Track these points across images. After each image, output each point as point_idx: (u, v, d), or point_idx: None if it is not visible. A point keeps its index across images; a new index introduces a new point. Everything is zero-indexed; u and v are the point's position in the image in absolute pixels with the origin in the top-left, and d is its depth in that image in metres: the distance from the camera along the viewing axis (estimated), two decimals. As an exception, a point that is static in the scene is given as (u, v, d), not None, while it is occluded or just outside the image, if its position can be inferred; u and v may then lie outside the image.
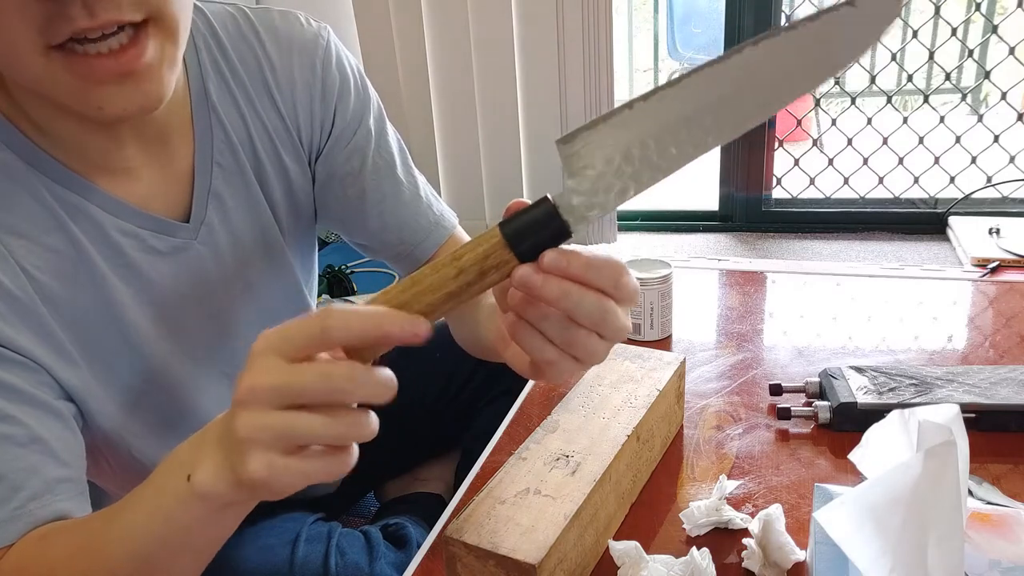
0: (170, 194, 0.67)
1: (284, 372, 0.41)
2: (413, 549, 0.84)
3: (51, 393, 0.60)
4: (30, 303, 0.59)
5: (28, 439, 0.56)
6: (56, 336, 0.60)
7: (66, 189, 0.61)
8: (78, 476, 0.59)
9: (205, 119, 0.68)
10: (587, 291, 0.45)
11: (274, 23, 0.72)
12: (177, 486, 0.47)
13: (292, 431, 0.42)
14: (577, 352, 0.47)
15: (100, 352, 0.64)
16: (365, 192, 0.77)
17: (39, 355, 0.59)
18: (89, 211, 0.62)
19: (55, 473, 0.57)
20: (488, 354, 0.80)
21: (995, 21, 2.15)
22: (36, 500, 0.55)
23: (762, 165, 2.33)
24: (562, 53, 2.06)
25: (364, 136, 0.77)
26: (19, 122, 0.59)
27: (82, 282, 0.62)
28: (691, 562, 0.57)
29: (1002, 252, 1.72)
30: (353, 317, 0.41)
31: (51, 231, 0.60)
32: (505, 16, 2.03)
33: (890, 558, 0.43)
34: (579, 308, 0.45)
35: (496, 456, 0.78)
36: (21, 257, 0.58)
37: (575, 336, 0.46)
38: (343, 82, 0.75)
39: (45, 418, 0.58)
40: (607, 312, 0.46)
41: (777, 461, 0.74)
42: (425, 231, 0.80)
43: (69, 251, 0.61)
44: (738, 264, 1.24)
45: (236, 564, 0.76)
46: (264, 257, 0.74)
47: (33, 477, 0.56)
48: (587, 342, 0.47)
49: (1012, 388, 0.76)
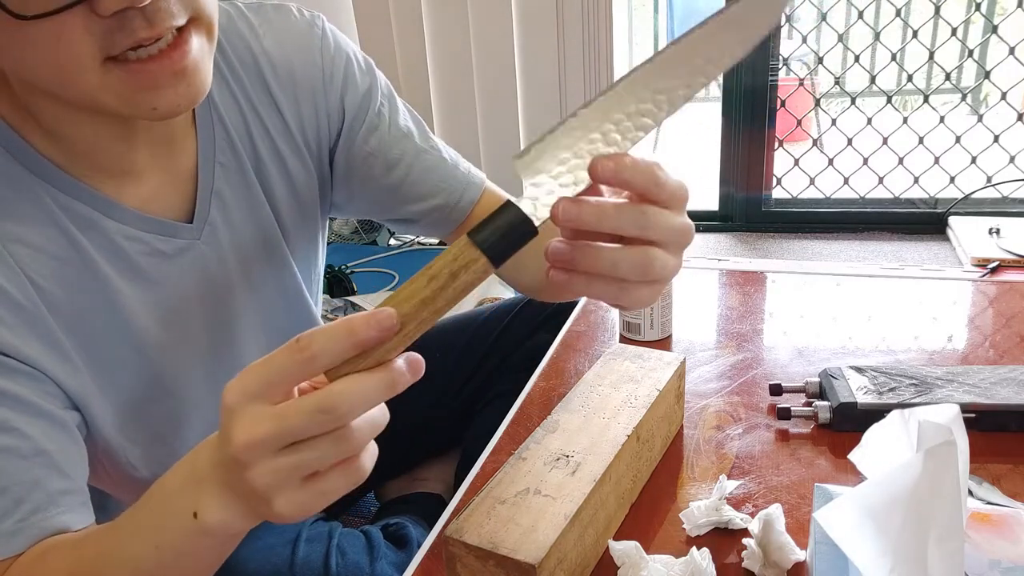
0: (173, 194, 0.67)
1: (276, 420, 0.40)
2: (414, 549, 0.84)
3: (56, 403, 0.60)
4: (35, 311, 0.58)
5: (32, 451, 0.56)
6: (61, 344, 0.60)
7: (70, 197, 0.60)
8: (80, 487, 0.59)
9: (207, 118, 0.68)
10: (624, 205, 0.45)
11: (269, 18, 0.72)
12: (185, 522, 0.47)
13: (305, 465, 0.41)
14: (644, 273, 0.46)
15: (105, 359, 0.63)
16: (390, 168, 0.78)
17: (44, 364, 0.59)
18: (94, 218, 0.61)
19: (58, 485, 0.57)
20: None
21: (995, 21, 2.15)
22: (39, 513, 0.55)
23: (762, 165, 2.34)
24: (562, 53, 2.06)
25: (377, 115, 0.77)
26: (24, 129, 0.59)
27: (88, 289, 0.62)
28: (691, 562, 0.57)
29: (1002, 252, 1.72)
30: (328, 339, 0.40)
31: (56, 239, 0.60)
32: (505, 16, 2.03)
33: (890, 558, 0.43)
34: (621, 220, 0.44)
35: (496, 456, 0.78)
36: (26, 265, 0.58)
37: (629, 257, 0.45)
38: (347, 67, 0.75)
39: (50, 429, 0.58)
40: (645, 214, 0.45)
41: (777, 461, 0.74)
42: (458, 192, 0.81)
43: (74, 259, 0.61)
44: (738, 264, 1.24)
45: (236, 564, 0.76)
46: (264, 256, 0.74)
47: (36, 490, 0.56)
48: (644, 256, 0.45)
49: (1012, 388, 0.76)
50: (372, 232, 2.50)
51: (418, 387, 0.43)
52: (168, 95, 0.55)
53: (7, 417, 0.55)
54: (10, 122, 0.59)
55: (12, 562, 0.54)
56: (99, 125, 0.59)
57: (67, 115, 0.58)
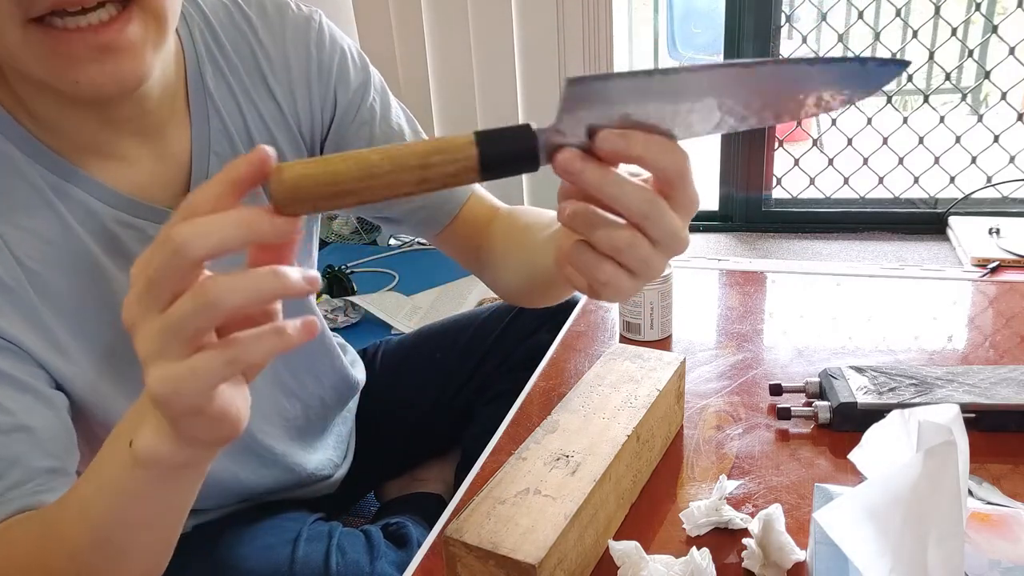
0: (167, 183, 0.67)
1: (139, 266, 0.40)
2: (414, 548, 0.84)
3: (42, 382, 0.59)
4: (22, 292, 0.59)
5: (12, 426, 0.56)
6: (49, 327, 0.60)
7: (63, 180, 0.61)
8: (66, 468, 0.59)
9: (202, 107, 0.68)
10: (629, 180, 0.42)
11: (266, 10, 0.73)
12: (122, 455, 0.46)
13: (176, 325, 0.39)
14: (629, 261, 0.44)
15: (95, 343, 0.63)
16: None
17: (30, 345, 0.59)
18: (86, 202, 0.62)
19: (40, 463, 0.56)
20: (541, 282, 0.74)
21: (995, 21, 2.15)
22: (16, 489, 0.55)
23: (762, 165, 2.33)
24: (562, 53, 2.06)
25: (369, 110, 0.77)
26: (17, 112, 0.59)
27: (79, 272, 0.62)
28: (691, 562, 0.57)
29: (1002, 252, 1.72)
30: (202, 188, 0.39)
31: (48, 222, 0.60)
32: (505, 16, 2.03)
33: (890, 558, 0.43)
34: (622, 197, 0.42)
35: (496, 456, 0.78)
36: (16, 246, 0.59)
37: (622, 238, 0.43)
38: (341, 60, 0.76)
39: (34, 405, 0.58)
40: (653, 204, 0.42)
41: (777, 461, 0.74)
42: (444, 194, 0.80)
43: (65, 242, 0.61)
44: (738, 264, 1.24)
45: (236, 563, 0.76)
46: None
47: (14, 467, 0.55)
48: (637, 248, 0.43)
49: (1012, 388, 0.76)
50: (372, 232, 2.50)
51: (418, 387, 0.43)
52: (90, 70, 0.53)
53: None
54: (6, 106, 0.59)
55: None
56: (79, 109, 0.59)
57: (45, 96, 0.58)
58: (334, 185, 0.39)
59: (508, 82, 2.10)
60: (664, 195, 0.43)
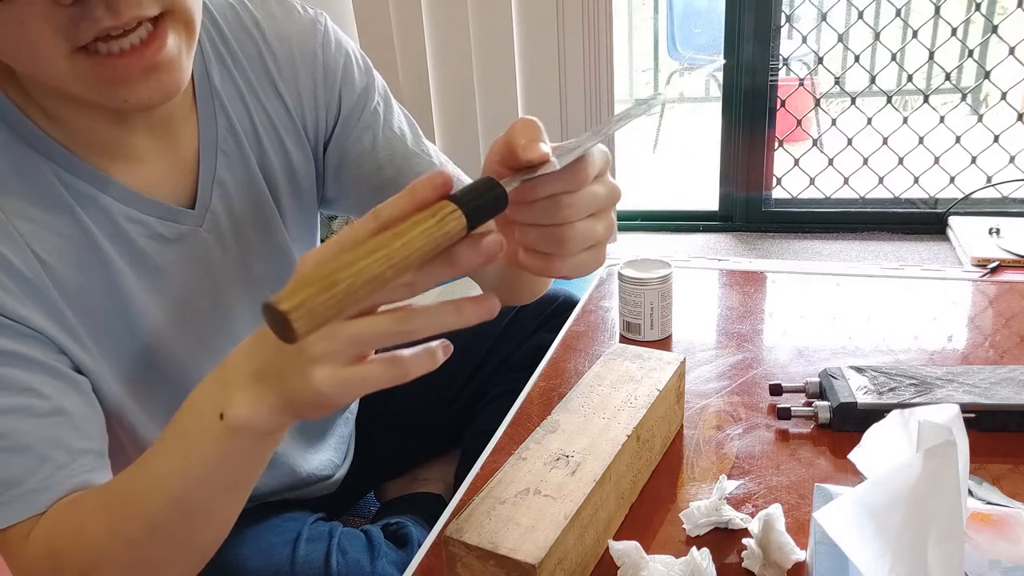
0: (175, 181, 0.68)
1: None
2: (414, 548, 0.84)
3: (69, 367, 0.61)
4: (42, 285, 0.59)
5: (49, 410, 0.57)
6: (67, 318, 0.61)
7: (75, 177, 0.61)
8: (99, 448, 0.60)
9: (209, 106, 0.69)
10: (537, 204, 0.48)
11: (272, 12, 0.73)
12: (209, 426, 0.48)
13: (362, 337, 0.43)
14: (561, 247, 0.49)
15: (107, 336, 0.64)
16: (380, 167, 0.78)
17: (52, 334, 0.60)
18: (97, 198, 0.62)
19: (78, 444, 0.58)
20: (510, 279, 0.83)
21: (995, 21, 2.15)
22: (62, 470, 0.56)
23: (762, 165, 2.33)
24: (562, 53, 2.06)
25: (372, 114, 0.78)
26: (30, 111, 0.60)
27: (90, 268, 0.63)
28: (691, 562, 0.57)
29: (1002, 252, 1.72)
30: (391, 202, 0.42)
31: (61, 217, 0.61)
32: (505, 16, 2.03)
33: (890, 558, 0.43)
34: (535, 215, 0.48)
35: (496, 456, 0.78)
36: (32, 241, 0.59)
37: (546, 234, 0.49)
38: (345, 64, 0.76)
39: (66, 389, 0.59)
40: (563, 206, 0.48)
41: (777, 461, 0.74)
42: None
43: (78, 237, 0.62)
44: (738, 264, 1.24)
45: (237, 563, 0.76)
46: (264, 244, 0.75)
47: (57, 448, 0.56)
48: (559, 233, 0.48)
49: (1012, 388, 0.76)
50: (372, 232, 2.50)
51: (418, 387, 0.44)
52: (139, 89, 0.55)
53: (22, 378, 0.56)
54: (17, 102, 0.60)
55: (35, 522, 0.55)
56: (92, 109, 0.60)
57: (61, 99, 0.59)
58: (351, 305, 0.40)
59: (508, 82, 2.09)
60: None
